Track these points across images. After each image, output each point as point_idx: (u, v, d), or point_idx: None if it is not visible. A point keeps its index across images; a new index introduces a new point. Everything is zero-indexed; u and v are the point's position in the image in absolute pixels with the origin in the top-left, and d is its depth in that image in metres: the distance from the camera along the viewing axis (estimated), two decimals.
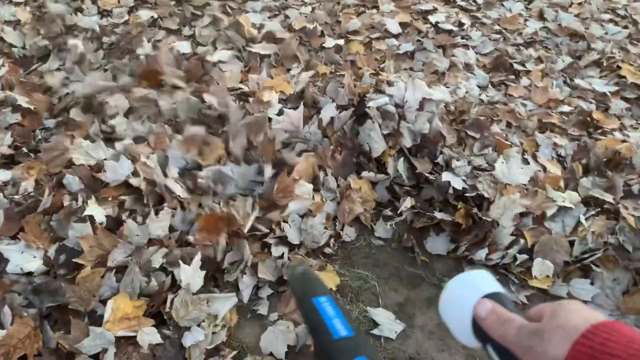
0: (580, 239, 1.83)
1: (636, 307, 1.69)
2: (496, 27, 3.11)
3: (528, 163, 2.05)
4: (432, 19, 3.03)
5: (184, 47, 2.58)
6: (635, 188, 1.98)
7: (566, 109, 2.51)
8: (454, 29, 2.99)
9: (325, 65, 2.61)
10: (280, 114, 2.15)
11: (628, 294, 1.74)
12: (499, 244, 1.81)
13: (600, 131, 2.36)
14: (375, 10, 3.12)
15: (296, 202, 1.87)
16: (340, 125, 2.14)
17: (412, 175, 2.05)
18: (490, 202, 1.86)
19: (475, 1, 3.33)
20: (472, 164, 2.01)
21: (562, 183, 2.01)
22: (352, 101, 2.19)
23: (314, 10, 3.04)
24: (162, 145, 1.98)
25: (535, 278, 1.78)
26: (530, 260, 1.80)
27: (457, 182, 1.91)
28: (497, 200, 1.84)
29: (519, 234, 1.83)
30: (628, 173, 2.08)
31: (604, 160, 2.13)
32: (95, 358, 1.41)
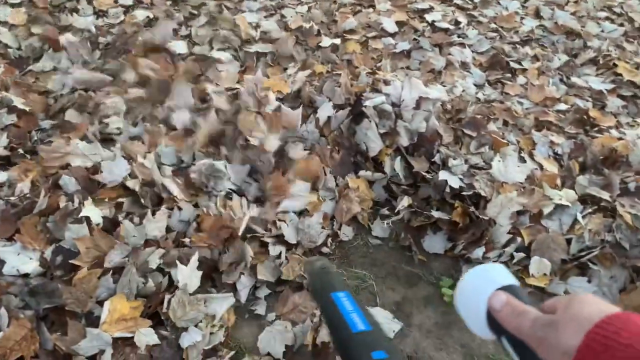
0: (577, 237, 1.83)
1: (633, 304, 1.70)
2: (492, 25, 3.11)
3: (525, 161, 2.05)
4: (429, 17, 3.03)
5: (181, 46, 2.57)
6: (631, 186, 1.98)
7: (563, 107, 2.51)
8: (451, 27, 2.99)
9: (322, 64, 2.61)
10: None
11: (625, 292, 1.74)
12: (496, 243, 1.81)
13: (596, 129, 2.36)
14: (371, 9, 3.12)
15: (290, 200, 1.87)
16: (337, 124, 2.14)
17: (409, 174, 2.05)
18: (487, 201, 1.86)
19: (471, 0, 3.34)
20: (469, 162, 2.01)
21: (558, 181, 2.01)
22: (349, 100, 2.19)
23: (310, 9, 3.04)
24: (157, 144, 1.98)
25: (533, 276, 1.78)
26: (528, 259, 1.80)
27: (454, 180, 1.91)
28: (494, 199, 1.85)
29: (516, 232, 1.83)
30: (624, 171, 2.08)
31: (601, 158, 2.13)
32: (92, 359, 1.41)
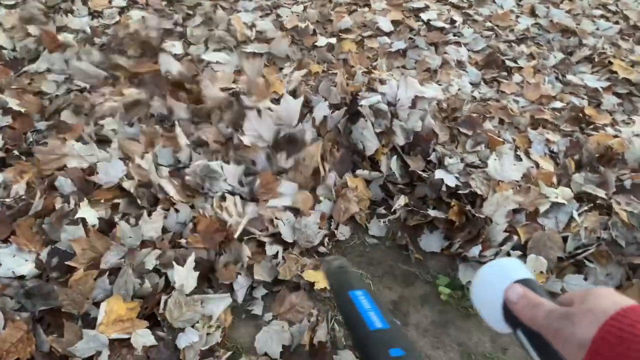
0: (573, 235, 1.83)
1: None
2: (488, 24, 3.11)
3: (521, 159, 2.06)
4: (424, 16, 3.04)
5: (176, 47, 2.57)
6: (627, 183, 1.98)
7: (558, 105, 2.52)
8: (446, 26, 3.00)
9: (318, 64, 2.61)
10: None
11: (621, 289, 1.74)
12: (493, 241, 1.81)
13: (592, 127, 2.37)
14: (367, 9, 3.12)
15: (277, 199, 1.87)
16: (333, 124, 2.13)
17: (405, 173, 2.05)
18: (483, 199, 1.86)
19: None
20: (465, 161, 2.01)
21: (554, 179, 2.01)
22: (345, 100, 2.19)
23: (305, 9, 3.04)
24: (154, 145, 1.97)
25: None
26: (524, 257, 1.79)
27: (450, 179, 1.91)
28: (490, 197, 1.85)
29: (512, 230, 1.83)
30: (620, 168, 2.09)
31: (596, 155, 2.14)
32: None
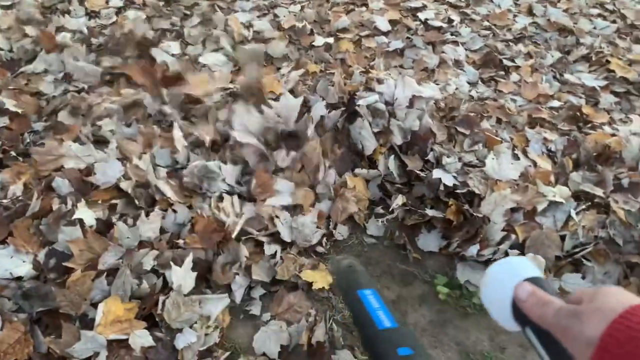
0: (571, 234, 1.84)
1: None
2: (485, 23, 3.11)
3: (518, 158, 2.06)
4: (422, 16, 3.04)
5: (174, 47, 2.57)
6: (625, 182, 1.98)
7: (556, 104, 2.52)
8: (444, 25, 3.00)
9: (315, 63, 2.61)
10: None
11: None
12: (491, 240, 1.81)
13: (590, 125, 2.37)
14: (364, 8, 3.12)
15: (275, 198, 1.87)
16: (331, 123, 2.13)
17: (403, 173, 2.04)
18: (481, 198, 1.86)
19: None
20: (463, 160, 2.01)
21: (552, 178, 2.01)
22: (342, 99, 2.19)
23: (303, 8, 3.04)
24: (151, 145, 1.97)
25: None
26: (522, 256, 1.80)
27: (447, 178, 1.91)
28: (488, 196, 1.85)
29: (510, 229, 1.83)
30: (618, 167, 2.09)
31: (594, 154, 2.14)
32: None
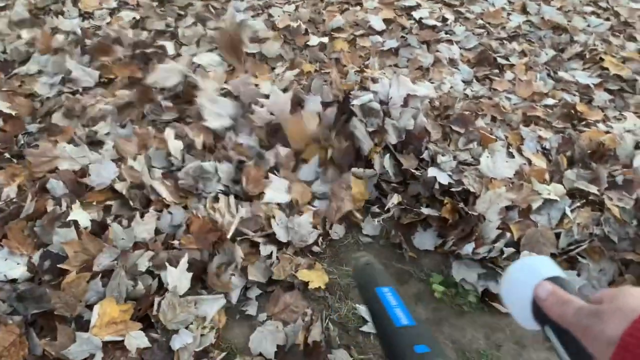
0: (566, 231, 1.84)
1: None
2: (480, 21, 3.12)
3: (513, 156, 2.06)
4: (416, 14, 3.04)
5: (168, 47, 2.56)
6: (619, 179, 1.99)
7: (550, 101, 2.53)
8: (438, 24, 3.00)
9: (310, 63, 2.61)
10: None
11: (614, 284, 1.75)
12: (486, 238, 1.82)
13: (584, 123, 2.38)
14: (359, 8, 3.12)
15: (271, 194, 1.88)
16: (327, 122, 2.13)
17: (398, 172, 2.05)
18: (476, 197, 1.87)
19: None
20: (458, 158, 2.02)
21: (547, 176, 2.02)
22: (337, 98, 2.18)
23: (297, 8, 3.04)
24: (146, 146, 1.97)
25: None
26: (517, 254, 1.80)
27: (442, 177, 1.91)
28: (483, 195, 1.85)
29: (505, 227, 1.84)
30: (612, 164, 2.10)
31: (588, 152, 2.15)
32: None
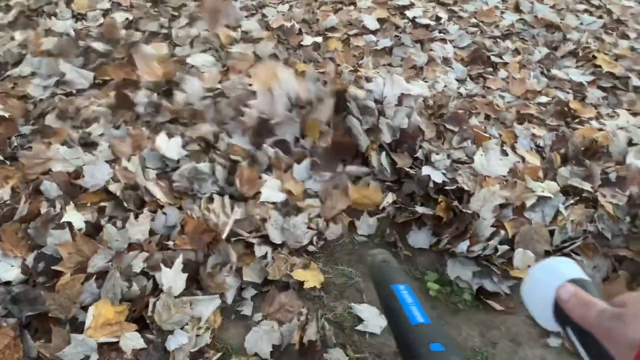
0: (560, 228, 1.85)
1: (616, 293, 1.70)
2: (473, 20, 3.13)
3: (507, 154, 2.07)
4: (410, 14, 3.05)
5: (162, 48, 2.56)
6: (612, 176, 2.00)
7: (544, 99, 2.54)
8: (431, 23, 3.01)
9: (304, 63, 2.61)
10: None
11: (608, 281, 1.76)
12: (480, 236, 1.82)
13: (577, 121, 2.39)
14: (352, 7, 3.13)
15: (266, 193, 1.88)
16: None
17: (392, 171, 2.05)
18: (470, 195, 1.87)
19: None
20: (452, 157, 2.02)
21: (541, 173, 2.03)
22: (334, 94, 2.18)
23: (291, 8, 3.04)
24: (140, 147, 1.96)
25: (517, 268, 1.79)
26: (512, 251, 1.81)
27: (437, 175, 1.92)
28: (477, 193, 1.86)
29: (499, 225, 1.84)
30: (605, 161, 2.11)
31: (582, 149, 2.16)
32: None
